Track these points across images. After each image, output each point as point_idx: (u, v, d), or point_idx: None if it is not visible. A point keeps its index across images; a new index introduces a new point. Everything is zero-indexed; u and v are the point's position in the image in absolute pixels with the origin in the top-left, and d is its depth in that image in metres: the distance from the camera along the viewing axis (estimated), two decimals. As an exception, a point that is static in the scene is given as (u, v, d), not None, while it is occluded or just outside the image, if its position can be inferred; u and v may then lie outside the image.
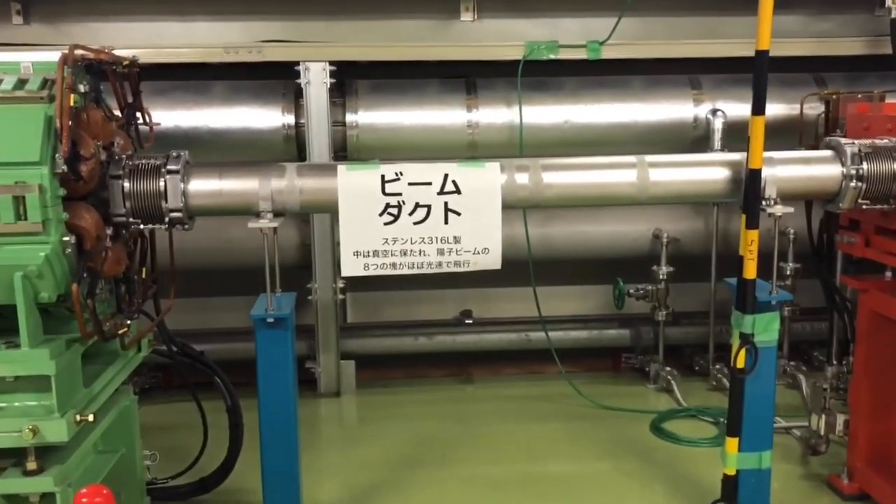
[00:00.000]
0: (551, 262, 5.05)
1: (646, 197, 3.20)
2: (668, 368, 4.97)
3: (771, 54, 2.98)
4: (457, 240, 3.09)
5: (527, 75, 4.73)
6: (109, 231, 2.87)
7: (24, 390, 2.64)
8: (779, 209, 3.13)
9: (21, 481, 2.60)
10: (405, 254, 3.08)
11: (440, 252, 3.10)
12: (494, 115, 4.82)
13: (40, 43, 4.87)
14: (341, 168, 3.04)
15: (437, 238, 3.08)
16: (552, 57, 4.67)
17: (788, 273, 4.75)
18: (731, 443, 3.23)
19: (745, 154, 3.10)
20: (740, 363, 3.14)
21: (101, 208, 2.86)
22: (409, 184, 3.04)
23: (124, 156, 2.97)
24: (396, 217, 3.04)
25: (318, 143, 4.65)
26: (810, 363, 5.12)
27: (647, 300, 4.99)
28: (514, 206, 3.24)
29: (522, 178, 3.14)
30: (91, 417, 2.70)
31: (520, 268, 4.70)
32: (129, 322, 3.05)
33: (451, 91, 4.88)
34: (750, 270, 3.07)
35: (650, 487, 3.84)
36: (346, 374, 5.03)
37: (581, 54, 4.70)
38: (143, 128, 3.27)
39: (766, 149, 3.05)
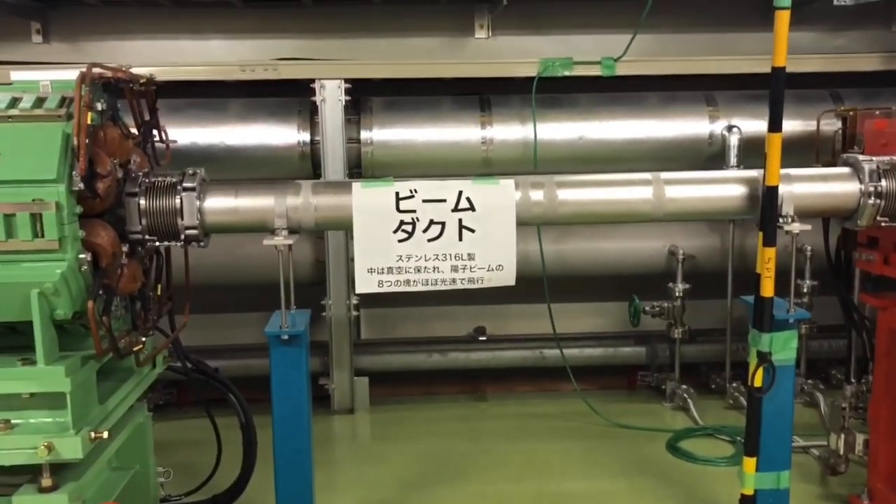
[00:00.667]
0: (566, 279, 5.04)
1: (662, 214, 3.19)
2: (685, 386, 4.93)
3: (787, 70, 2.96)
4: (471, 257, 3.09)
5: (541, 92, 4.73)
6: (125, 248, 2.87)
7: (39, 407, 2.63)
8: (796, 227, 3.11)
9: (36, 498, 2.59)
10: (419, 270, 3.08)
11: (454, 269, 3.10)
12: (508, 131, 4.82)
13: (59, 61, 4.93)
14: (356, 185, 3.05)
15: (451, 255, 3.08)
16: (566, 74, 4.67)
17: (805, 290, 4.71)
18: (749, 462, 3.19)
19: (761, 171, 3.08)
20: (758, 382, 3.11)
21: (117, 225, 2.86)
22: (424, 201, 3.04)
23: (141, 173, 2.99)
24: (411, 234, 3.04)
25: (333, 160, 4.67)
26: (828, 381, 5.06)
27: (663, 317, 4.96)
28: (529, 223, 3.23)
29: (537, 195, 3.13)
30: (106, 434, 2.70)
31: (534, 284, 4.68)
32: (144, 339, 3.05)
33: (465, 108, 4.89)
34: (767, 288, 3.04)
35: (666, 507, 3.80)
36: (359, 391, 5.02)
37: (595, 71, 4.69)
38: (159, 145, 3.29)
39: (783, 165, 3.03)
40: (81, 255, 2.64)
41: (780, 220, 3.09)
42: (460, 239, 3.05)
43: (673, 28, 5.22)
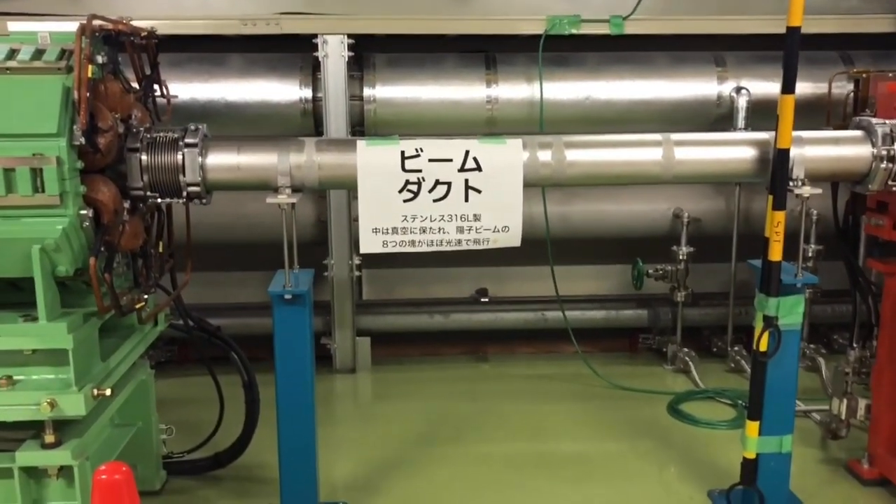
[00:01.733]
0: (569, 241, 5.01)
1: (670, 176, 3.15)
2: (686, 350, 4.94)
3: (800, 31, 2.90)
4: (477, 217, 3.06)
5: (547, 50, 4.65)
6: (127, 205, 2.85)
7: (41, 363, 2.64)
8: (807, 190, 3.07)
9: (39, 454, 2.61)
10: (424, 231, 3.04)
11: (460, 230, 3.06)
12: (514, 90, 4.75)
13: (57, 13, 4.82)
14: (361, 143, 3.00)
15: (456, 215, 3.04)
16: (574, 32, 4.59)
17: (810, 255, 4.69)
18: (752, 426, 3.19)
19: (772, 133, 3.03)
20: (763, 346, 3.10)
21: (118, 182, 2.84)
22: (430, 160, 2.99)
23: (142, 129, 2.94)
24: (416, 194, 3.00)
25: (336, 118, 4.61)
26: (830, 346, 5.08)
27: (666, 280, 4.95)
28: (536, 185, 3.20)
29: (545, 156, 3.09)
30: (108, 392, 2.71)
31: (537, 246, 4.66)
32: (146, 296, 3.04)
33: (470, 66, 4.82)
34: (775, 252, 3.01)
35: (666, 469, 3.82)
36: (361, 351, 5.02)
37: (604, 29, 4.62)
38: (160, 100, 3.25)
39: (793, 128, 2.98)
40: (83, 212, 2.63)
41: (791, 183, 3.05)
42: (466, 199, 3.01)
43: (682, -14, 5.13)
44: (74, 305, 2.72)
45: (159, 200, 2.96)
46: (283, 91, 4.68)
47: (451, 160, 3.01)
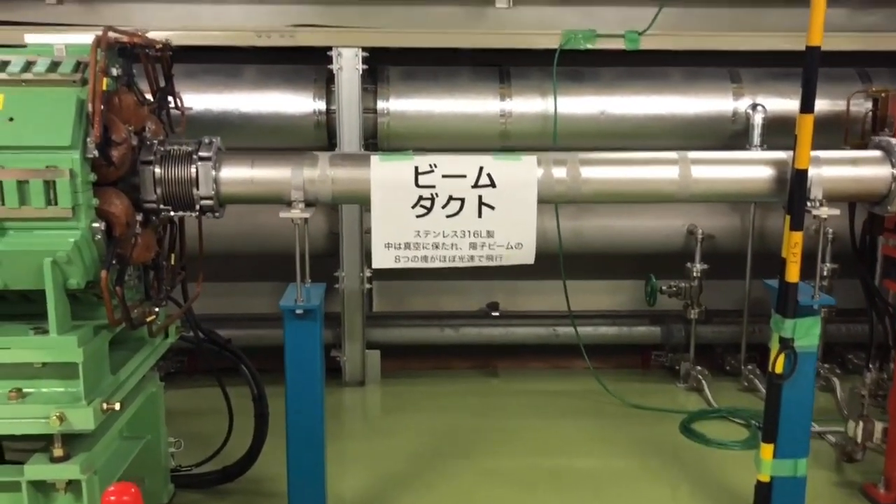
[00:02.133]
0: (582, 256, 4.97)
1: (687, 195, 3.12)
2: (699, 367, 4.88)
3: (818, 50, 2.87)
4: (490, 234, 3.04)
5: (562, 64, 4.63)
6: (139, 217, 2.84)
7: (51, 376, 2.63)
8: (825, 211, 3.04)
9: (47, 468, 2.59)
10: (437, 247, 3.03)
11: (473, 246, 3.05)
12: (528, 104, 4.73)
13: (73, 23, 4.85)
14: (374, 158, 2.99)
15: (470, 232, 3.03)
16: (589, 47, 4.56)
17: (826, 273, 4.64)
18: (767, 449, 3.15)
19: (790, 153, 3.00)
20: (779, 368, 3.06)
21: (131, 194, 2.83)
22: (443, 176, 2.99)
23: (156, 141, 2.94)
24: (429, 209, 2.99)
25: (349, 130, 4.60)
26: (844, 366, 5.01)
27: (680, 297, 4.90)
28: (551, 201, 3.19)
29: (560, 173, 3.07)
30: (118, 406, 2.69)
31: (549, 260, 4.63)
32: (157, 309, 3.02)
33: (483, 79, 4.80)
34: (793, 273, 2.97)
35: (678, 489, 3.76)
36: (371, 364, 5.00)
37: (619, 44, 4.58)
38: (174, 112, 3.24)
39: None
40: (95, 224, 2.62)
41: (809, 203, 3.02)
42: (480, 216, 3.00)
43: (698, 2, 5.10)
44: (85, 318, 2.71)
45: (172, 213, 2.95)
46: (297, 103, 4.67)
47: (464, 176, 2.99)
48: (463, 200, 2.99)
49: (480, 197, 2.99)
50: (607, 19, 4.95)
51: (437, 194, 2.98)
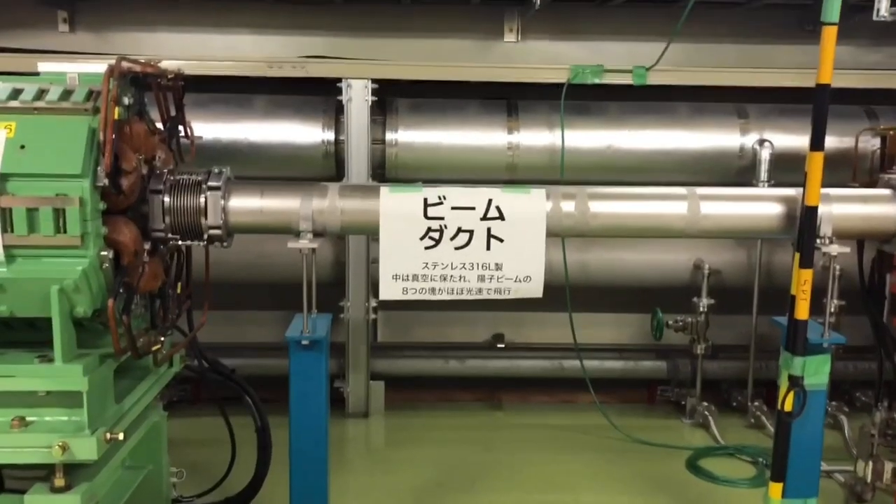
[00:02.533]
0: (588, 289, 4.95)
1: (695, 231, 3.11)
2: (706, 403, 4.84)
3: (824, 87, 2.87)
4: (498, 267, 3.03)
5: (570, 98, 4.64)
6: (147, 246, 2.82)
7: (55, 405, 2.59)
8: (834, 248, 3.02)
9: (48, 498, 2.54)
10: (445, 279, 3.02)
11: (481, 278, 3.04)
12: (535, 137, 4.74)
13: (85, 51, 4.89)
14: (384, 190, 2.99)
15: (478, 264, 3.02)
16: (597, 81, 4.58)
17: (833, 311, 4.59)
18: (776, 488, 3.10)
19: (799, 190, 2.99)
20: (788, 406, 3.02)
21: (140, 223, 2.82)
22: (452, 208, 2.98)
23: (165, 170, 2.94)
24: (438, 241, 2.98)
25: (358, 161, 4.61)
26: (852, 404, 4.96)
27: (686, 332, 4.87)
28: (559, 235, 3.18)
29: (568, 207, 3.07)
30: (121, 436, 2.65)
31: (555, 293, 4.56)
32: (162, 338, 3.00)
33: (491, 112, 4.82)
34: (802, 311, 2.95)
35: (685, 528, 3.71)
36: (375, 395, 4.95)
37: (627, 79, 4.60)
38: (184, 141, 3.24)
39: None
40: (103, 253, 2.59)
41: (818, 241, 3.00)
42: (488, 248, 2.99)
43: (705, 38, 5.13)
44: (90, 346, 2.68)
45: (180, 243, 2.94)
46: (307, 133, 4.69)
47: (473, 208, 2.99)
48: (472, 232, 2.98)
49: (489, 229, 2.98)
50: (614, 54, 4.98)
51: (445, 226, 2.97)
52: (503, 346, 5.20)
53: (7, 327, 2.70)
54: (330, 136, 4.69)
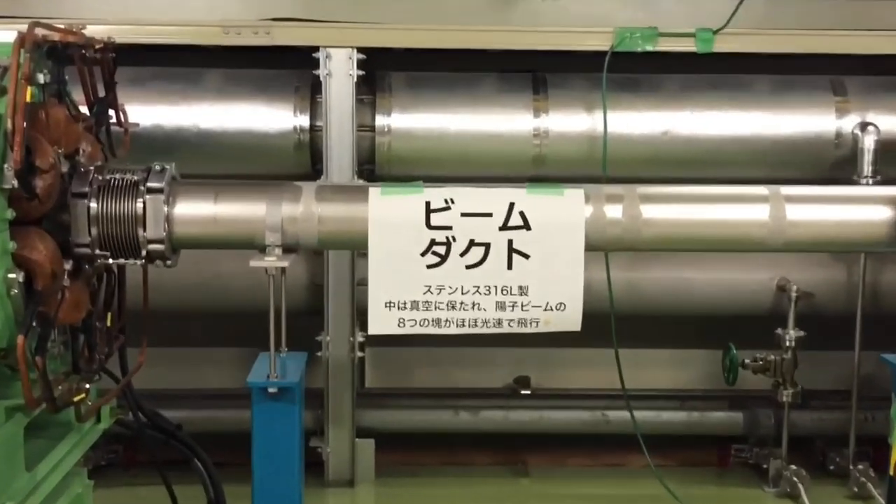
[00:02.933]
0: (639, 318, 4.98)
1: (780, 242, 3.14)
2: (794, 467, 4.84)
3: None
4: (523, 291, 3.06)
5: (613, 71, 4.67)
6: (68, 266, 2.84)
7: (-52, 473, 2.60)
8: (964, 265, 3.02)
9: None
10: (454, 307, 3.05)
11: (500, 306, 3.07)
12: (569, 121, 4.79)
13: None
14: (374, 191, 3.02)
15: (496, 288, 3.05)
16: (649, 49, 4.61)
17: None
18: (888, 578, 3.09)
19: (917, 188, 3.01)
20: (902, 470, 3.02)
21: (58, 236, 2.84)
22: (463, 214, 3.02)
23: (92, 168, 2.96)
24: (444, 258, 3.02)
25: (339, 153, 4.65)
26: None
27: (768, 374, 4.87)
28: (602, 248, 3.21)
29: (614, 212, 3.09)
30: (34, 513, 2.66)
31: (596, 323, 4.54)
32: (87, 385, 3.01)
33: (513, 89, 4.86)
34: (921, 347, 2.95)
35: None
36: (362, 457, 4.97)
37: (688, 45, 4.64)
38: (115, 130, 3.26)
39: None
40: (11, 275, 2.61)
41: (941, 255, 3.01)
42: (510, 267, 3.03)
43: (790, -8, 5.17)
44: (-6, 396, 2.70)
45: (111, 261, 2.95)
46: (273, 117, 4.74)
47: (490, 215, 3.03)
48: (488, 246, 3.02)
49: (511, 242, 3.02)
50: (672, 14, 5.00)
51: (454, 238, 3.01)
52: (529, 392, 5.23)
53: None
54: (304, 121, 4.73)
